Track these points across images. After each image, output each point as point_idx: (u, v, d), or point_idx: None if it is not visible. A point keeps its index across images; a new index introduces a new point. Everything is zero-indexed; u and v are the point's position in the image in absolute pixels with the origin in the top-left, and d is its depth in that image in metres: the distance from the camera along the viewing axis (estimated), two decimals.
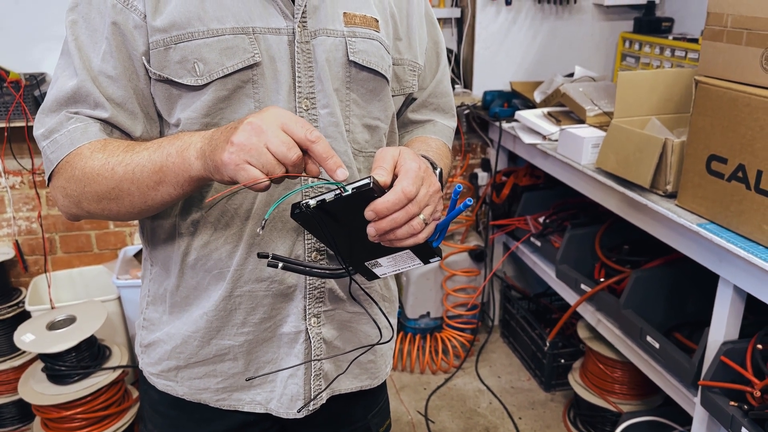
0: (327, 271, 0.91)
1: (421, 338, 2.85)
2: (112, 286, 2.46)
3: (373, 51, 0.96)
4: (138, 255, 2.59)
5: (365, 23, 0.97)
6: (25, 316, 2.38)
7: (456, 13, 2.73)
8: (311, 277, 0.97)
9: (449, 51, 2.77)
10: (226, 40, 0.87)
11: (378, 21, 0.99)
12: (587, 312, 2.21)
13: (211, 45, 0.87)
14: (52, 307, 2.36)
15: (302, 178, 0.92)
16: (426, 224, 0.80)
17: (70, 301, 2.42)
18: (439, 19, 2.72)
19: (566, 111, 2.35)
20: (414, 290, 2.80)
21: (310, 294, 0.98)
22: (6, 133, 2.36)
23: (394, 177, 0.79)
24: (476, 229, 3.01)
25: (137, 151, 0.85)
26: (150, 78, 0.90)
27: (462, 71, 2.82)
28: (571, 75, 2.58)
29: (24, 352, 2.36)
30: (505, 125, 2.54)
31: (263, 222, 0.78)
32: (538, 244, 2.54)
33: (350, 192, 0.74)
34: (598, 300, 2.14)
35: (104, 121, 0.89)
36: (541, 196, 2.66)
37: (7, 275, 2.50)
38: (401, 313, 2.89)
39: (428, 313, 2.86)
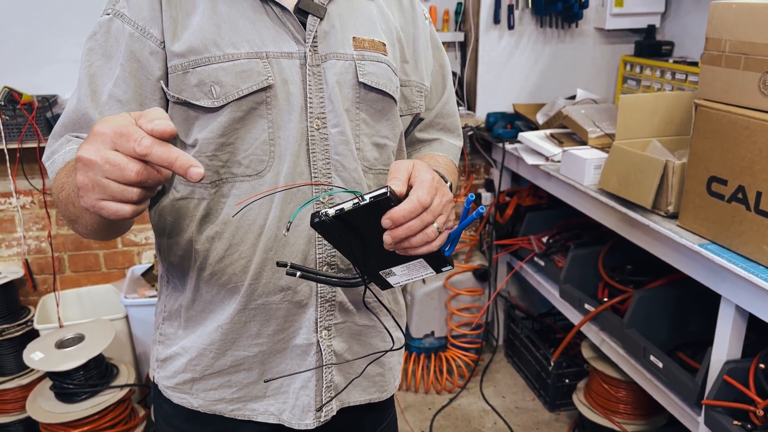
0: (343, 280, 0.94)
1: (425, 358, 2.86)
2: (119, 305, 2.49)
3: (381, 73, 1.00)
4: (146, 274, 2.61)
5: (374, 47, 1.01)
6: (33, 334, 2.40)
7: (460, 37, 2.78)
8: (322, 291, 1.00)
9: (453, 74, 2.82)
10: (241, 64, 0.91)
11: (385, 45, 1.03)
12: (591, 332, 2.22)
13: (227, 69, 0.91)
14: (61, 326, 2.38)
15: (319, 187, 0.95)
16: (440, 232, 0.82)
17: (77, 319, 2.43)
18: (443, 43, 2.76)
19: (568, 133, 2.39)
20: (418, 309, 2.82)
21: (321, 307, 1.01)
22: (18, 154, 2.40)
23: (409, 188, 0.81)
24: (480, 249, 3.03)
25: (71, 173, 0.82)
26: (167, 101, 0.94)
27: (466, 93, 2.86)
28: (573, 97, 2.62)
29: (32, 370, 2.38)
30: (508, 146, 2.58)
31: (288, 224, 0.83)
32: (542, 263, 2.57)
33: (368, 201, 0.76)
34: (602, 320, 2.16)
35: None
36: (544, 216, 2.69)
37: (16, 294, 2.53)
38: (406, 333, 2.90)
39: (433, 333, 2.87)
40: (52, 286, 2.61)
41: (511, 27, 2.70)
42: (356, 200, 0.77)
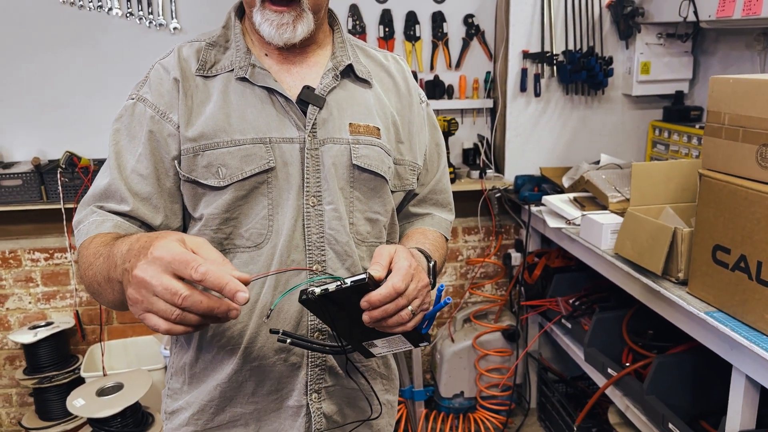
0: (327, 348, 1.03)
1: (454, 418, 2.86)
2: (159, 355, 2.62)
3: (374, 155, 1.11)
4: None
5: (368, 132, 1.12)
6: (79, 381, 2.55)
7: (489, 103, 2.89)
8: (314, 355, 1.09)
9: (482, 138, 2.92)
10: (246, 149, 1.03)
11: (380, 129, 1.13)
12: (616, 397, 2.20)
13: (233, 153, 1.03)
14: (104, 374, 2.53)
15: (308, 272, 1.05)
16: (414, 315, 0.91)
17: (122, 368, 2.59)
18: (473, 110, 2.90)
19: (591, 197, 2.43)
20: (448, 368, 2.85)
21: (311, 371, 1.09)
22: (74, 213, 2.61)
23: (390, 272, 0.91)
24: (511, 309, 3.05)
25: (98, 255, 0.93)
26: (180, 178, 1.06)
27: (494, 156, 2.95)
28: (598, 162, 2.67)
29: (76, 416, 2.52)
30: (534, 209, 2.63)
31: (269, 312, 0.93)
32: (569, 325, 2.57)
33: (349, 285, 0.87)
34: (624, 385, 2.14)
35: (125, 215, 1.04)
36: (572, 277, 2.70)
37: (66, 343, 2.71)
38: (435, 392, 2.93)
39: (462, 393, 2.88)
40: (99, 336, 2.78)
41: (537, 94, 2.79)
42: (339, 283, 0.87)
